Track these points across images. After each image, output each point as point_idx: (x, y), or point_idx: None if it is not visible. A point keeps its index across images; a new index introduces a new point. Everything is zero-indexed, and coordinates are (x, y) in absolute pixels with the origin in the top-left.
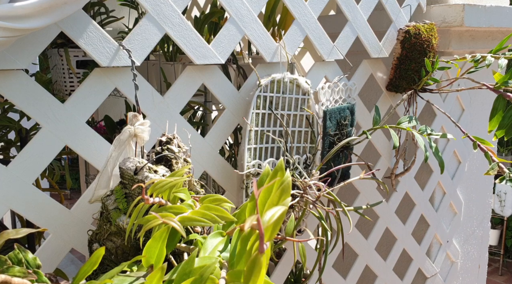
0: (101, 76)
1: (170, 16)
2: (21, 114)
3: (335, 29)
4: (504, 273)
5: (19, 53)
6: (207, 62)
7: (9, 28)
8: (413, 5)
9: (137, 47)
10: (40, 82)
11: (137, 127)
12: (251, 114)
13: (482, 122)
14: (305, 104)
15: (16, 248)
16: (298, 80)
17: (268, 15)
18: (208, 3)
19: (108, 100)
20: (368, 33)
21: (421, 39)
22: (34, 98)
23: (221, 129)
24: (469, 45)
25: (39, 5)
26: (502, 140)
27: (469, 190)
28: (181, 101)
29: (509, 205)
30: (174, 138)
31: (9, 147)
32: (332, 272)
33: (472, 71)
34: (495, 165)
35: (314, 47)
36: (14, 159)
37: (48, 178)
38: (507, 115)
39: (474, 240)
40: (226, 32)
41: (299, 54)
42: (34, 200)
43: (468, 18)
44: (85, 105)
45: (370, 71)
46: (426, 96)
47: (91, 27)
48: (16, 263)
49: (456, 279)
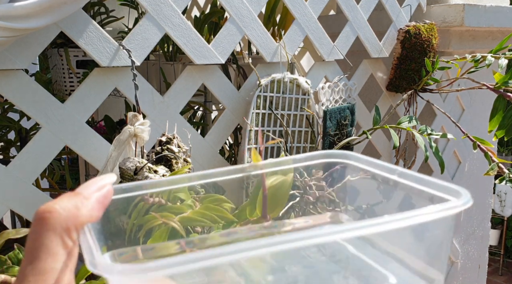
0: (101, 76)
1: (170, 16)
2: (21, 114)
3: (335, 29)
4: (504, 273)
5: (19, 53)
6: (207, 62)
7: (9, 28)
8: (413, 5)
9: (137, 47)
10: (40, 82)
11: (137, 127)
12: (251, 114)
13: (482, 122)
14: (305, 104)
15: (16, 248)
16: (298, 80)
17: (268, 15)
18: (208, 3)
19: (108, 100)
20: (368, 33)
21: (421, 39)
22: (34, 98)
23: (221, 129)
24: (469, 45)
25: (39, 5)
26: (502, 140)
27: (469, 190)
28: (181, 101)
29: (509, 205)
30: (174, 138)
31: (9, 147)
32: None
33: (472, 71)
34: (495, 166)
35: (314, 47)
36: (14, 159)
37: (48, 178)
38: (507, 115)
39: (474, 240)
40: (226, 32)
41: (299, 54)
42: (34, 200)
43: (468, 18)
44: (85, 105)
45: (370, 71)
46: (426, 96)
47: (91, 27)
48: (16, 263)
49: (456, 279)
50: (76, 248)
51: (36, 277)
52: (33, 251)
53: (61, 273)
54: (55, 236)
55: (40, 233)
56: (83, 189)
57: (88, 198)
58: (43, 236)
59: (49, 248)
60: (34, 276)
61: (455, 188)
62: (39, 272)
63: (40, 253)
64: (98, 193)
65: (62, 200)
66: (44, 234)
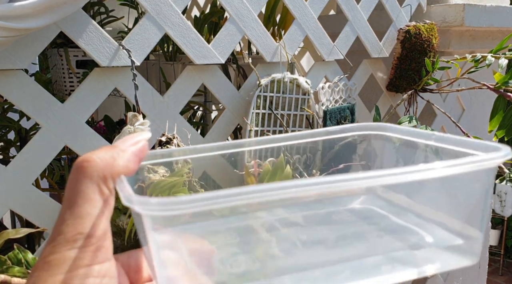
0: (101, 76)
1: (170, 16)
2: (21, 114)
3: (335, 29)
4: (505, 273)
5: (19, 53)
6: (207, 62)
7: (9, 28)
8: (413, 5)
9: (137, 47)
10: (40, 82)
11: (137, 127)
12: (251, 114)
13: (482, 122)
14: (305, 104)
15: (16, 248)
16: (298, 80)
17: (268, 15)
18: (208, 3)
19: (108, 100)
20: (368, 33)
21: (422, 39)
22: (34, 98)
23: (221, 129)
24: (470, 45)
25: (39, 5)
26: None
27: None
28: (181, 101)
29: (509, 205)
30: (174, 138)
31: (9, 147)
32: None
33: (473, 71)
34: None
35: (314, 47)
36: (14, 159)
37: (48, 178)
38: (508, 115)
39: None
40: (226, 32)
41: (299, 54)
42: (34, 200)
43: (468, 18)
44: (85, 105)
45: (370, 71)
46: (427, 96)
47: (90, 27)
48: (16, 263)
49: (457, 279)
50: (113, 197)
51: (74, 221)
52: (71, 197)
53: (98, 219)
54: (92, 184)
55: (78, 180)
56: (120, 143)
57: (125, 151)
58: (80, 183)
59: (86, 195)
60: (72, 220)
61: (494, 145)
62: (76, 216)
63: (77, 199)
64: (134, 147)
65: (99, 151)
66: (81, 181)
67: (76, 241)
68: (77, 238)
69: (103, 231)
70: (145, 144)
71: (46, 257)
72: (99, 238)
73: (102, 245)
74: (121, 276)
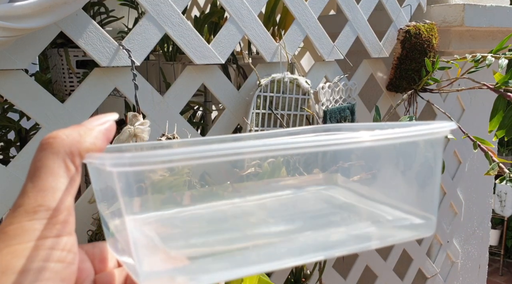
0: (101, 76)
1: (170, 16)
2: (21, 114)
3: (335, 29)
4: (505, 273)
5: (19, 53)
6: (207, 62)
7: (9, 28)
8: (413, 5)
9: (137, 47)
10: (40, 82)
11: (137, 127)
12: (251, 114)
13: (482, 122)
14: (305, 104)
15: None
16: (298, 80)
17: (268, 15)
18: (208, 3)
19: (108, 100)
20: (368, 33)
21: (422, 39)
22: (34, 98)
23: (221, 129)
24: (470, 45)
25: (39, 5)
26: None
27: (469, 190)
28: (181, 101)
29: (509, 205)
30: (174, 138)
31: (9, 147)
32: (332, 272)
33: (473, 71)
34: (495, 165)
35: (314, 47)
36: (14, 159)
37: None
38: (508, 115)
39: (475, 240)
40: (226, 32)
41: (299, 54)
42: None
43: (468, 18)
44: (85, 105)
45: (370, 71)
46: (427, 96)
47: (90, 27)
48: None
49: (457, 279)
50: (78, 176)
51: (36, 193)
52: (35, 171)
53: (61, 194)
54: (58, 159)
55: (43, 156)
56: (87, 122)
57: (92, 129)
58: (46, 158)
59: (50, 169)
60: (34, 193)
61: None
62: (39, 189)
63: (41, 173)
64: (101, 126)
65: (66, 129)
66: (47, 156)
67: (37, 213)
68: (37, 210)
69: (66, 206)
70: (113, 124)
71: (3, 228)
72: (61, 211)
73: (64, 220)
74: (85, 261)
